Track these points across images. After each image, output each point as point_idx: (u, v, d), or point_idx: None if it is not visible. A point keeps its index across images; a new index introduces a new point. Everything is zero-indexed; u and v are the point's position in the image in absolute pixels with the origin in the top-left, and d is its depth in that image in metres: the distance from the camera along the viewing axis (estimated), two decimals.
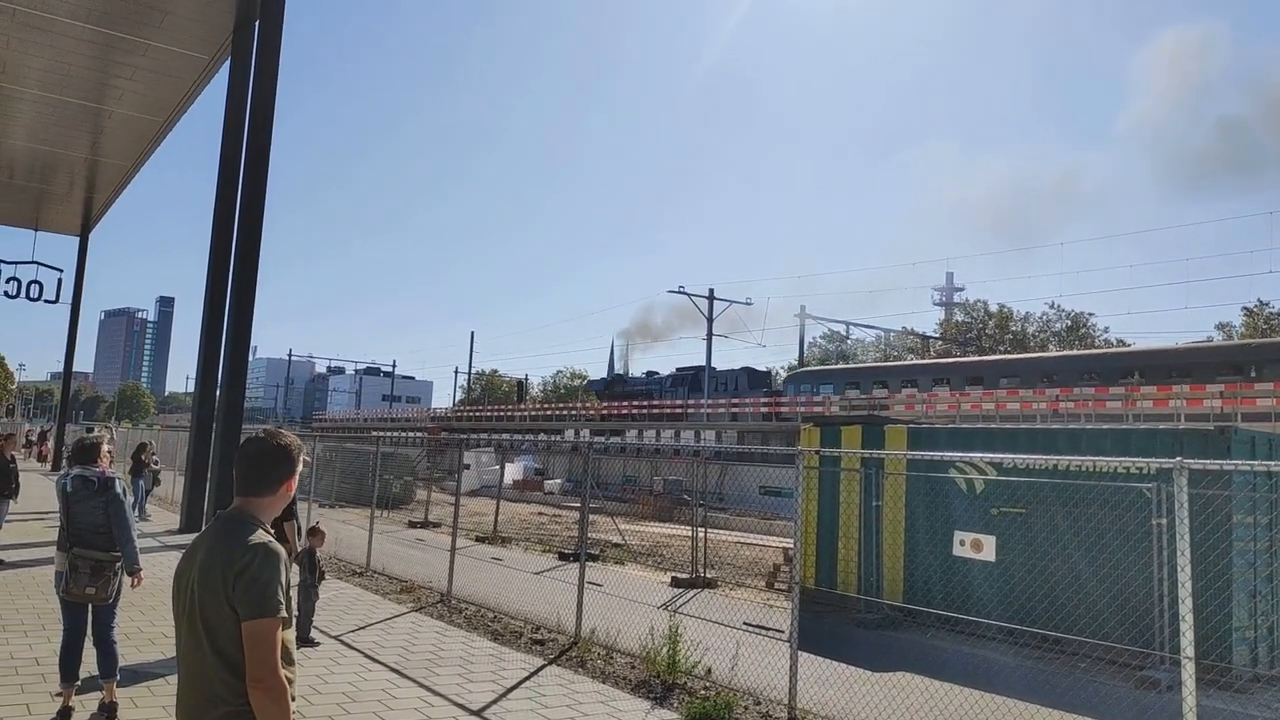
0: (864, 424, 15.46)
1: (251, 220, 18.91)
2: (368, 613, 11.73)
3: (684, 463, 36.25)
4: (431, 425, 68.20)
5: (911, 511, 13.40)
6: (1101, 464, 9.78)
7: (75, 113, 25.75)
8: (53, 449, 39.67)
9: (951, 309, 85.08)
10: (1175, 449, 10.53)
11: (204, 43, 21.43)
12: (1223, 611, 9.59)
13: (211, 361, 19.89)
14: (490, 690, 8.35)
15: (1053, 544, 11.24)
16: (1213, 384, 30.93)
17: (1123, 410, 32.02)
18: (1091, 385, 35.23)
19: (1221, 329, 68.67)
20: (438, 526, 24.12)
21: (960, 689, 8.84)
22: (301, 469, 3.20)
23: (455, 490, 16.32)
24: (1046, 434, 13.54)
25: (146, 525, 19.66)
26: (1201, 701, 5.94)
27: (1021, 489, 11.72)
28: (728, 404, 51.49)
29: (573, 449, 48.65)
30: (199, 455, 19.48)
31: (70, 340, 40.92)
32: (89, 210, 36.70)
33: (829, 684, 8.92)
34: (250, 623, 2.79)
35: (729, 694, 8.42)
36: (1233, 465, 7.03)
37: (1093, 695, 8.85)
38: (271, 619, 2.81)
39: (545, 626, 11.23)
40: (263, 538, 2.94)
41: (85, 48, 21.60)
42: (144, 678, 7.94)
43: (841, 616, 13.48)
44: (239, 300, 18.88)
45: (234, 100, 20.49)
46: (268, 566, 2.86)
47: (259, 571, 2.84)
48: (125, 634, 9.23)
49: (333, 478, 29.73)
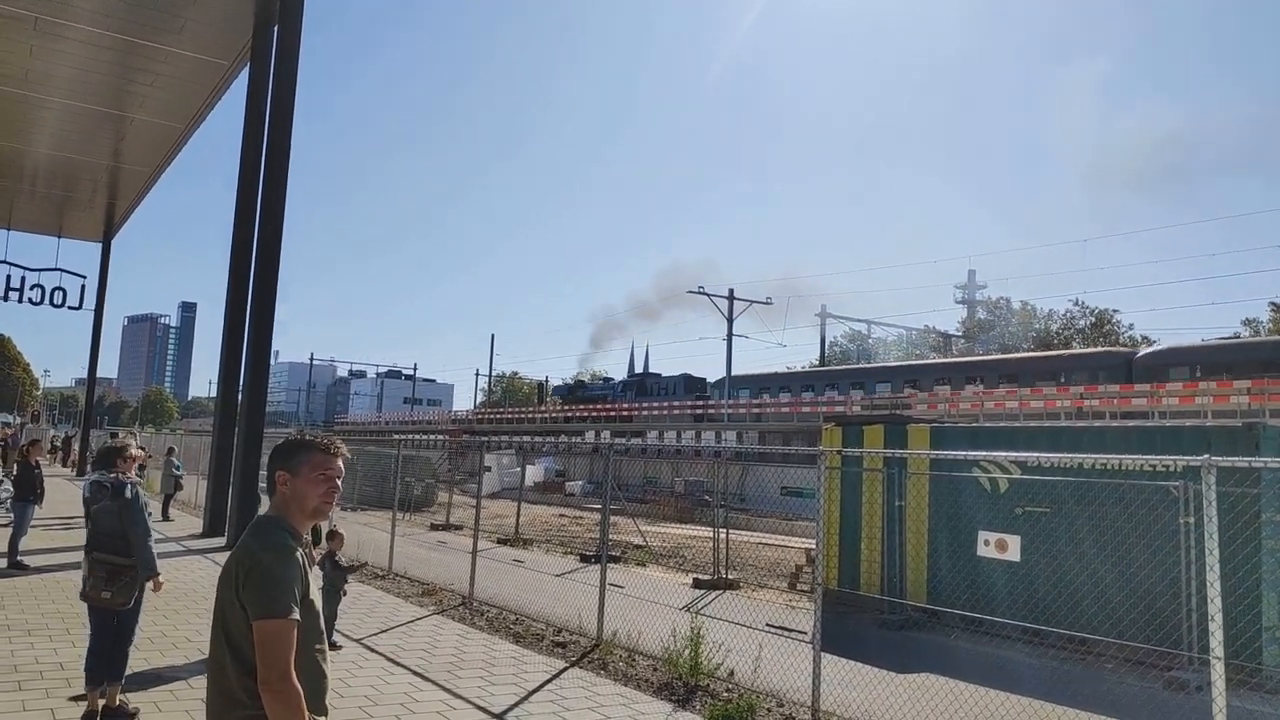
0: (886, 423, 15.36)
1: (272, 224, 18.99)
2: (390, 616, 11.74)
3: (705, 464, 36.21)
4: (452, 428, 68.64)
5: (934, 511, 13.31)
6: (1127, 462, 9.68)
7: (97, 120, 25.96)
8: (78, 454, 39.97)
9: (974, 307, 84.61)
10: (1202, 446, 10.42)
11: (223, 48, 21.55)
12: (1253, 611, 9.47)
13: (233, 366, 19.99)
14: (512, 693, 8.33)
15: (1077, 544, 11.13)
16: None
17: (1148, 407, 31.76)
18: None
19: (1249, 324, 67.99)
20: (459, 529, 24.15)
21: (985, 690, 8.75)
22: (310, 464, 3.07)
23: (477, 492, 16.33)
24: (1071, 432, 13.42)
25: (169, 529, 19.80)
26: (1231, 702, 5.85)
27: (1045, 488, 11.61)
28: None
29: (593, 450, 49.01)
30: (222, 459, 19.58)
31: (94, 346, 41.19)
32: (111, 216, 36.98)
33: (852, 685, 8.86)
34: (259, 623, 2.76)
35: (751, 696, 8.37)
36: (1262, 462, 6.94)
37: (1120, 696, 8.76)
38: (281, 620, 2.77)
39: (567, 629, 11.21)
40: (281, 539, 2.92)
41: (107, 55, 21.76)
42: (167, 681, 7.96)
43: (864, 617, 13.41)
44: (260, 304, 18.96)
45: (253, 105, 20.59)
46: (278, 566, 2.84)
47: (268, 571, 2.82)
48: (149, 638, 9.30)
49: (354, 481, 29.83)
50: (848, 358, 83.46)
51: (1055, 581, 10.81)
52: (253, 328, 19.10)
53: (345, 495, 27.69)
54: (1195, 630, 9.39)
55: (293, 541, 2.95)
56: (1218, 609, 5.78)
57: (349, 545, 11.48)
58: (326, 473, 3.08)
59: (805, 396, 49.26)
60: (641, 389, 62.42)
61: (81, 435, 42.08)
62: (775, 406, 49.04)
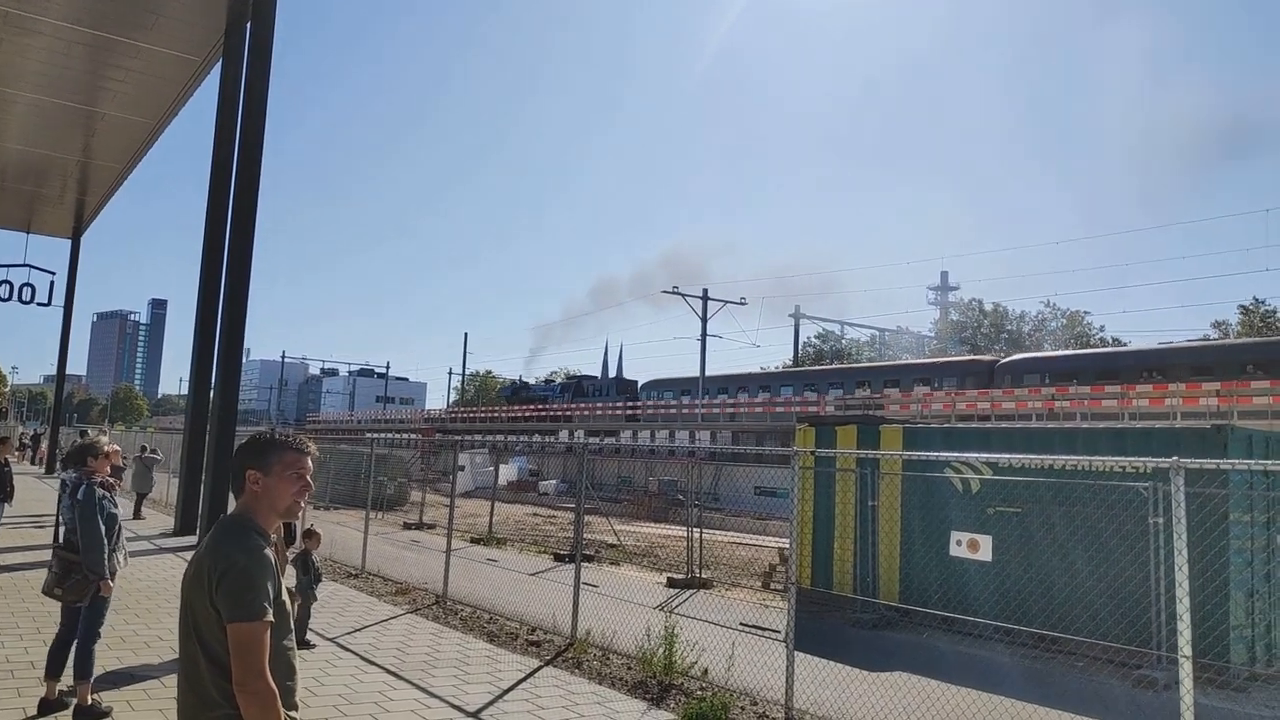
0: (859, 424, 15.44)
1: (244, 221, 18.83)
2: (363, 615, 11.70)
3: (679, 463, 36.26)
4: (425, 427, 68.58)
5: (907, 511, 13.39)
6: (1098, 463, 9.79)
7: (67, 115, 25.64)
8: (46, 452, 39.53)
9: (946, 308, 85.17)
10: (1172, 448, 10.54)
11: (195, 44, 21.34)
12: (1220, 610, 9.59)
13: (205, 363, 19.81)
14: (486, 692, 8.33)
15: (1049, 543, 11.24)
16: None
17: (1118, 409, 32.10)
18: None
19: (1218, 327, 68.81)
20: (433, 528, 24.09)
21: (957, 688, 8.84)
22: (283, 464, 3.06)
23: (450, 491, 16.28)
24: (1043, 433, 13.54)
25: (141, 527, 19.63)
26: (1199, 700, 5.93)
27: (1018, 489, 11.72)
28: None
29: (567, 450, 49.20)
30: (193, 457, 19.43)
31: (63, 343, 40.74)
32: (81, 213, 36.56)
33: (825, 684, 8.91)
34: (233, 625, 2.76)
35: (725, 694, 8.40)
36: (1230, 464, 7.03)
37: (1090, 694, 8.85)
38: (255, 622, 2.78)
39: (541, 628, 11.21)
40: (252, 540, 2.91)
41: (77, 50, 21.51)
42: (140, 679, 7.90)
43: (837, 617, 13.48)
44: (232, 302, 18.80)
45: (226, 102, 20.42)
46: (251, 568, 2.83)
47: (242, 573, 2.81)
48: (121, 637, 9.24)
49: (327, 480, 29.67)
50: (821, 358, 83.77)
51: (1027, 581, 10.90)
52: (224, 325, 18.94)
53: (318, 494, 27.65)
54: (1164, 629, 9.50)
55: (263, 541, 2.95)
56: (1186, 608, 5.86)
57: (323, 544, 11.43)
58: (299, 471, 3.09)
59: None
60: (578, 390, 66.37)
61: (51, 433, 41.62)
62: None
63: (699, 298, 54.92)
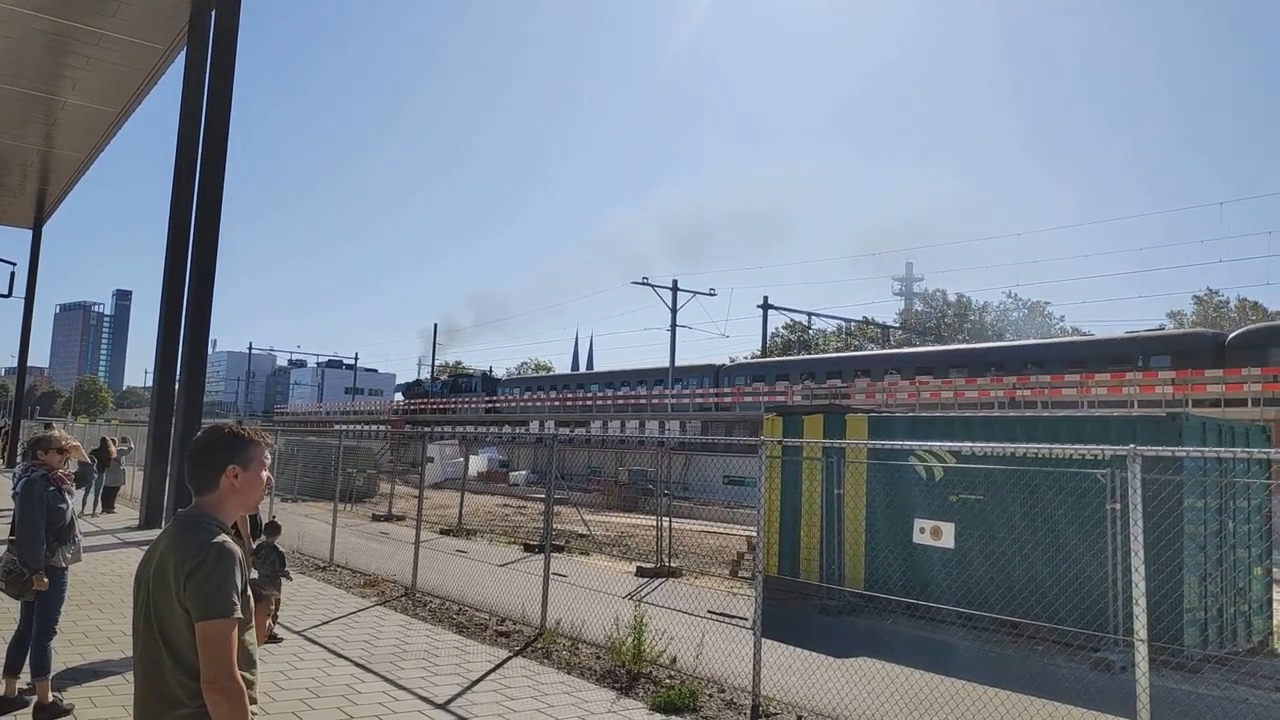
0: (825, 413, 15.56)
1: (209, 211, 18.68)
2: (331, 607, 11.68)
3: (649, 453, 36.36)
4: (394, 419, 68.55)
5: (872, 500, 13.54)
6: (1057, 450, 9.93)
7: (28, 103, 25.31)
8: (6, 445, 39.01)
9: (911, 299, 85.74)
10: (1129, 435, 10.75)
11: (159, 32, 21.11)
12: (1175, 594, 9.79)
13: (170, 355, 19.64)
14: (455, 683, 8.36)
15: (1010, 530, 11.41)
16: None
17: (1078, 397, 32.57)
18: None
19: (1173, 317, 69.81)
20: (402, 519, 24.04)
21: (920, 673, 8.98)
22: (259, 459, 3.10)
23: (419, 483, 16.27)
24: (1004, 421, 13.71)
25: (105, 522, 19.46)
26: (1155, 682, 6.07)
27: (979, 476, 11.88)
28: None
29: (537, 441, 49.30)
30: (158, 450, 19.28)
31: (24, 334, 40.30)
32: (42, 202, 36.10)
33: (792, 670, 9.02)
34: (203, 623, 2.76)
35: (694, 682, 8.49)
36: (1184, 451, 7.18)
37: (1049, 677, 9.01)
38: (225, 620, 2.78)
39: (511, 618, 11.24)
40: (217, 537, 2.90)
41: (38, 37, 21.24)
42: (102, 676, 7.87)
43: (804, 604, 13.61)
44: (197, 292, 18.65)
45: (190, 90, 20.22)
46: (220, 566, 2.83)
47: (211, 571, 2.80)
48: (84, 633, 9.19)
49: (295, 472, 29.52)
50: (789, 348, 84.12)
51: (988, 567, 11.06)
52: (190, 316, 18.80)
53: (286, 487, 27.46)
54: (1121, 613, 9.68)
55: (227, 536, 2.96)
56: (1142, 592, 5.99)
57: (289, 536, 11.41)
58: (266, 464, 3.14)
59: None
60: (454, 387, 74.01)
61: (12, 426, 41.07)
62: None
63: (669, 289, 55.04)
